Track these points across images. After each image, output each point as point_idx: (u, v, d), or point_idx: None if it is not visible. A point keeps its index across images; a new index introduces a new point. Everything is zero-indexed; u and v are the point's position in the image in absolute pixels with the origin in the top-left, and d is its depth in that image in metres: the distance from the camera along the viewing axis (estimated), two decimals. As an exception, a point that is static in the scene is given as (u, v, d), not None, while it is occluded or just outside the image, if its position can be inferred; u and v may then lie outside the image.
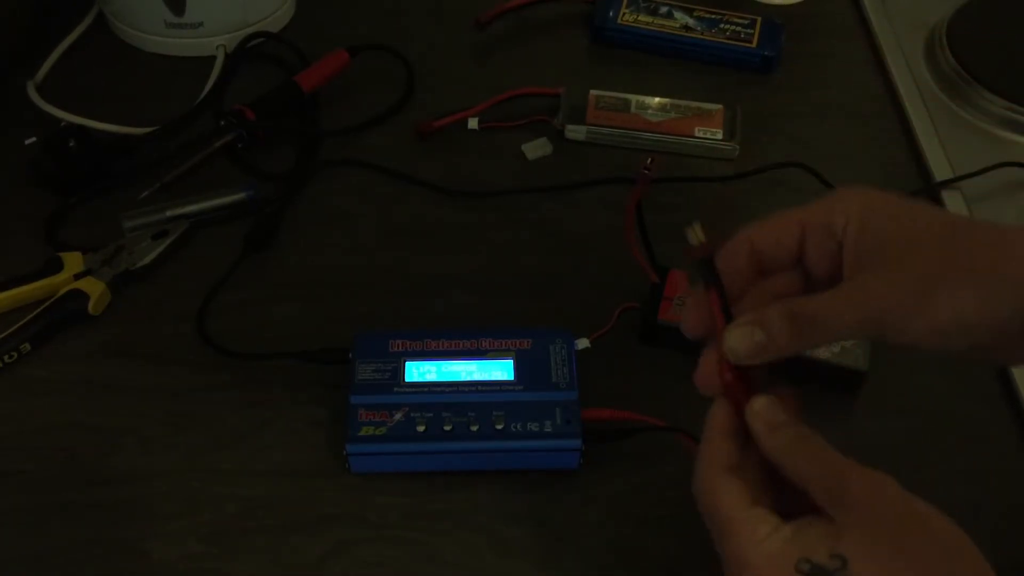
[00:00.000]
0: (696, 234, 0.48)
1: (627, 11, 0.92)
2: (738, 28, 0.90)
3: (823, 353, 0.66)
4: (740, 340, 0.46)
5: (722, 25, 0.91)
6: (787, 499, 0.46)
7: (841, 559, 0.42)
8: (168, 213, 0.76)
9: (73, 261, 0.72)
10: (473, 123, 0.84)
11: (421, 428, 0.62)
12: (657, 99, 0.84)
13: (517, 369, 0.64)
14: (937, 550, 0.42)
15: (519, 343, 0.66)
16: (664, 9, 0.92)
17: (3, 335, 0.68)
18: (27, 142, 0.76)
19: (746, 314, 0.47)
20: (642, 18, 0.91)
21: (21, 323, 0.68)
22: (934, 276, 0.44)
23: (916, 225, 0.46)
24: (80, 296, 0.69)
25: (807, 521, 0.44)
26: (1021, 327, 0.44)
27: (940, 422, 0.67)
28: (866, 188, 0.48)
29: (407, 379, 0.64)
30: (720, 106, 0.84)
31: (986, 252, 0.44)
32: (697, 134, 0.82)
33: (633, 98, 0.84)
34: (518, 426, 0.62)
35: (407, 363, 0.65)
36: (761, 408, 0.47)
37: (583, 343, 0.69)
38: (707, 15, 0.91)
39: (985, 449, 0.66)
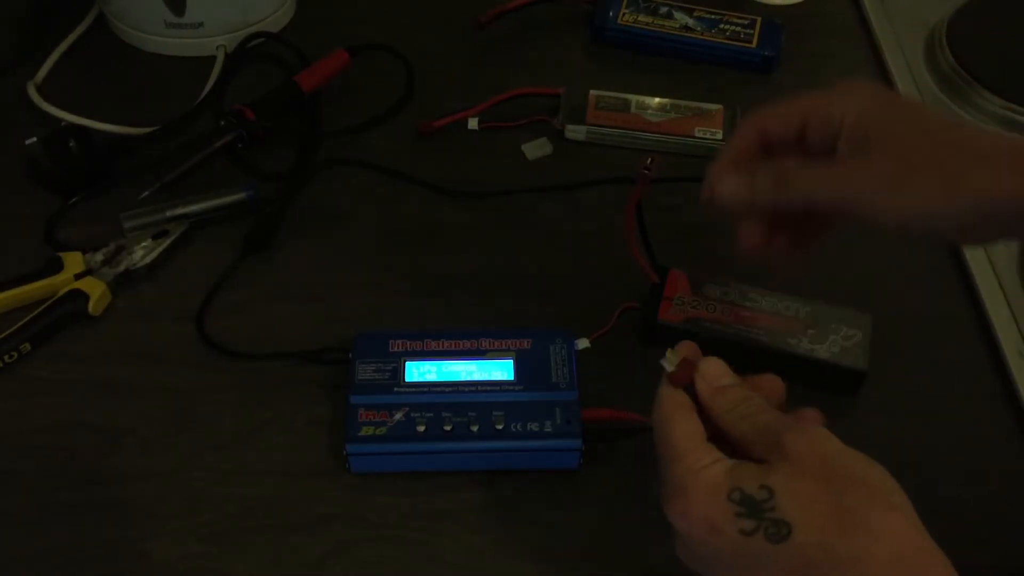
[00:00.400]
0: (671, 361, 0.52)
1: (627, 11, 0.92)
2: (738, 28, 0.90)
3: (823, 353, 0.66)
4: (727, 185, 0.53)
5: (722, 25, 0.91)
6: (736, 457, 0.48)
7: (768, 490, 0.44)
8: (168, 213, 0.76)
9: (73, 261, 0.72)
10: (473, 123, 0.84)
11: (421, 428, 0.62)
12: (657, 99, 0.84)
13: (517, 369, 0.64)
14: (861, 489, 0.44)
15: (519, 343, 0.66)
16: (664, 9, 0.92)
17: (3, 335, 0.68)
18: (27, 142, 0.76)
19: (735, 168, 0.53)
20: (642, 18, 0.91)
21: (21, 323, 0.68)
22: (907, 172, 0.48)
23: (905, 122, 0.50)
24: (80, 296, 0.70)
25: (746, 461, 0.47)
26: (975, 221, 0.48)
27: (940, 422, 0.67)
28: (868, 84, 0.53)
29: (407, 379, 0.64)
30: (720, 106, 0.84)
31: (958, 155, 0.48)
32: (697, 134, 0.82)
33: (633, 98, 0.84)
34: (518, 426, 0.62)
35: (407, 363, 0.65)
36: (706, 370, 0.50)
37: (583, 343, 0.69)
38: (707, 15, 0.91)
39: (985, 449, 0.66)
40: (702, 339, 0.66)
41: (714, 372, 0.51)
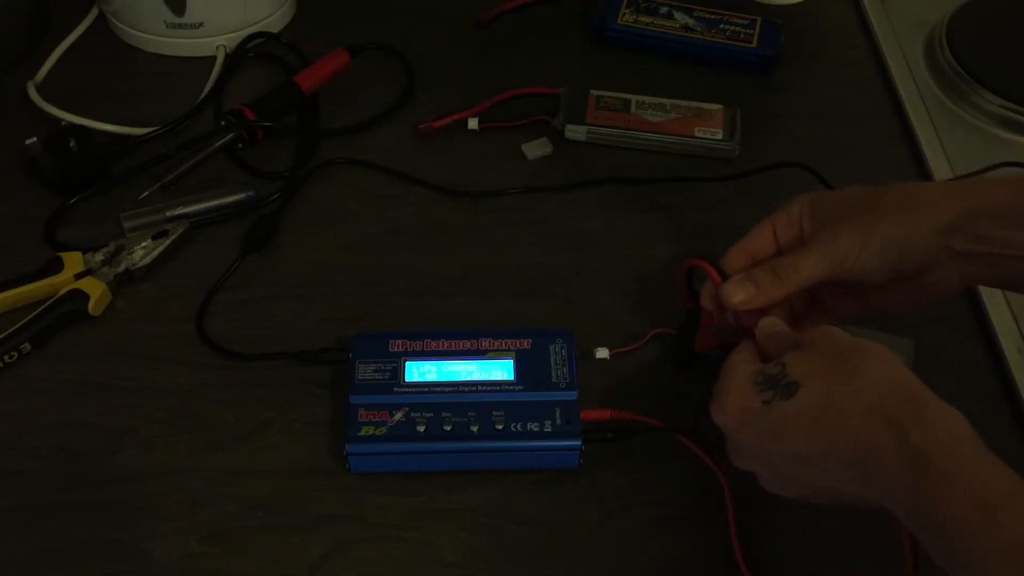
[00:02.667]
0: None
1: (627, 11, 0.92)
2: (738, 28, 0.90)
3: None
4: (735, 290, 0.60)
5: (722, 25, 0.91)
6: None
7: (782, 364, 0.53)
8: (168, 213, 0.76)
9: (73, 261, 0.72)
10: (473, 123, 0.84)
11: (421, 428, 0.62)
12: (657, 99, 0.84)
13: (517, 369, 0.64)
14: (858, 352, 0.52)
15: (519, 343, 0.66)
16: (664, 9, 0.92)
17: (3, 335, 0.68)
18: (27, 142, 0.76)
19: (739, 273, 0.61)
20: (642, 18, 0.91)
21: (21, 323, 0.68)
22: (870, 224, 0.58)
23: (850, 198, 0.61)
24: (80, 296, 0.69)
25: None
26: (937, 244, 0.57)
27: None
28: (813, 195, 0.63)
29: (407, 379, 0.64)
30: (720, 106, 0.84)
31: (904, 199, 0.59)
32: (697, 134, 0.82)
33: (633, 98, 0.84)
34: (518, 426, 0.62)
35: (407, 363, 0.65)
36: (763, 323, 0.59)
37: (602, 353, 0.69)
38: (707, 15, 0.91)
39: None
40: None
41: (767, 323, 0.59)
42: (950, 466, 0.46)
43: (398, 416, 0.62)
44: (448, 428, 0.62)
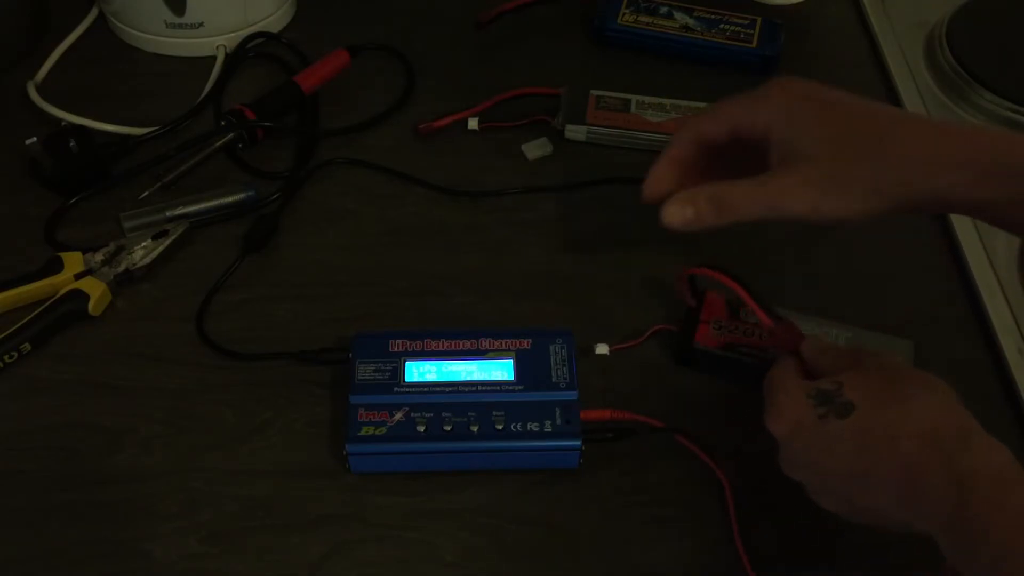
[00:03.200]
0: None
1: (627, 11, 0.92)
2: (738, 28, 0.90)
3: None
4: (674, 215, 0.58)
5: (722, 25, 0.91)
6: None
7: (838, 383, 0.53)
8: (168, 213, 0.76)
9: (73, 261, 0.72)
10: (473, 123, 0.84)
11: (421, 428, 0.62)
12: (657, 99, 0.84)
13: (517, 369, 0.64)
14: (914, 380, 0.53)
15: (519, 343, 0.66)
16: (664, 9, 0.92)
17: (3, 335, 0.68)
18: (27, 142, 0.76)
19: (681, 191, 0.59)
20: (642, 18, 0.91)
21: (21, 323, 0.68)
22: (829, 185, 0.55)
23: (826, 127, 0.56)
24: (80, 296, 0.69)
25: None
26: (887, 216, 0.56)
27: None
28: (791, 84, 0.58)
29: (407, 379, 0.64)
30: (720, 106, 0.84)
31: (877, 164, 0.55)
32: (697, 134, 0.82)
33: (633, 98, 0.84)
34: (518, 426, 0.62)
35: (407, 363, 0.65)
36: (808, 343, 0.59)
37: (602, 348, 0.69)
38: (707, 15, 0.91)
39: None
40: (740, 364, 0.66)
41: (812, 343, 0.59)
42: (996, 486, 0.47)
43: (398, 416, 0.62)
44: (448, 428, 0.62)
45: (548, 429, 0.62)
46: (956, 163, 0.55)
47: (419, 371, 0.64)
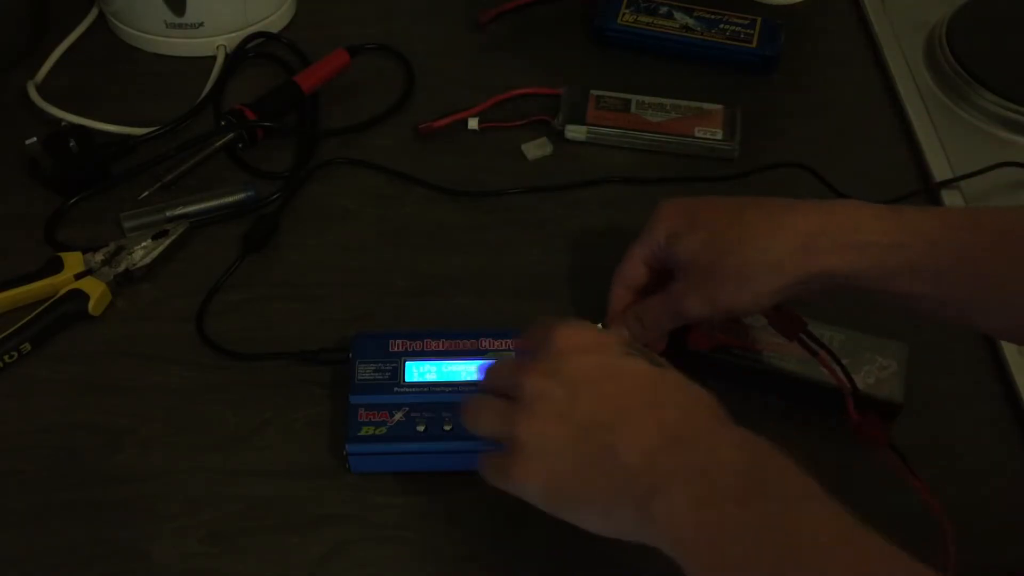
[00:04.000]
0: None
1: (627, 11, 0.92)
2: (738, 28, 0.90)
3: (858, 384, 0.64)
4: (622, 332, 0.64)
5: (722, 25, 0.91)
6: None
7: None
8: (168, 213, 0.76)
9: (73, 261, 0.72)
10: (473, 123, 0.84)
11: (421, 428, 0.62)
12: (657, 99, 0.84)
13: (517, 369, 0.64)
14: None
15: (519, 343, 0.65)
16: (664, 9, 0.92)
17: (3, 335, 0.68)
18: (27, 142, 0.76)
19: (621, 313, 0.65)
20: (642, 18, 0.91)
21: (21, 323, 0.68)
22: (711, 276, 0.60)
23: (701, 227, 0.61)
24: (80, 296, 0.69)
25: None
26: (772, 302, 0.60)
27: (940, 422, 0.67)
28: (671, 205, 0.64)
29: (407, 379, 0.64)
30: (720, 106, 0.84)
31: (746, 266, 0.59)
32: (697, 134, 0.82)
33: (633, 98, 0.84)
34: (518, 426, 0.62)
35: (407, 363, 0.65)
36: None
37: None
38: (707, 15, 0.91)
39: (985, 449, 0.66)
40: (733, 367, 0.66)
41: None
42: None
43: (398, 416, 0.62)
44: (448, 428, 0.62)
45: (548, 429, 0.62)
46: (821, 240, 0.58)
47: (419, 371, 0.64)
